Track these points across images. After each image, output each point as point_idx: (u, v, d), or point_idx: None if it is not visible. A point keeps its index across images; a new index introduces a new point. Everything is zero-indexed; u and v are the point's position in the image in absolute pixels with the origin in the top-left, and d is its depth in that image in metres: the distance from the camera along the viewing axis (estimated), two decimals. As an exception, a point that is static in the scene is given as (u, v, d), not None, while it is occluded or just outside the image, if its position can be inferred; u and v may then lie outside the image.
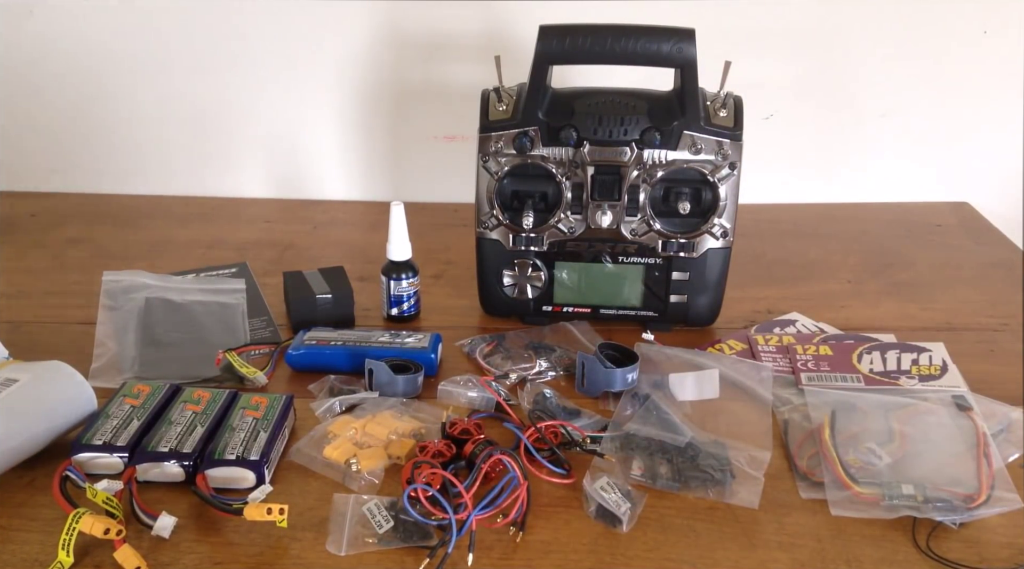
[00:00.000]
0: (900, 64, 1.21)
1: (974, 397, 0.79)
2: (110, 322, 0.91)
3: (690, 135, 0.85)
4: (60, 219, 1.21)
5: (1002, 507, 0.67)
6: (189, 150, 1.28)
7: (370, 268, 0.97)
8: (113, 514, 0.63)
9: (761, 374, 0.84)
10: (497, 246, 0.91)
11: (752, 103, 0.88)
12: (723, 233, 0.88)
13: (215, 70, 1.22)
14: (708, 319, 0.94)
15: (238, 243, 1.14)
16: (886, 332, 0.92)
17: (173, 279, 1.00)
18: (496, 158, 0.87)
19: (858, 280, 1.07)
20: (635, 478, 0.70)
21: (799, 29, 1.18)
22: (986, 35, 1.19)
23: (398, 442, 0.73)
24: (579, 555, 0.64)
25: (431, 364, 0.85)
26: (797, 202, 1.28)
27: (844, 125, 1.25)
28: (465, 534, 0.63)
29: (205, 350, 0.87)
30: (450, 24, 1.18)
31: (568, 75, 0.91)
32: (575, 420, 0.78)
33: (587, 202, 0.87)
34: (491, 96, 0.88)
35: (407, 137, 1.27)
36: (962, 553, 0.64)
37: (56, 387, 0.75)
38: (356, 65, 1.22)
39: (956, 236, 1.19)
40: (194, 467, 0.69)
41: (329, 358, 0.85)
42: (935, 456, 0.72)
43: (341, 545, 0.64)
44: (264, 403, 0.76)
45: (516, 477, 0.67)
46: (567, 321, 0.93)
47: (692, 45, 0.82)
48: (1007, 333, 0.95)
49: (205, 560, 0.63)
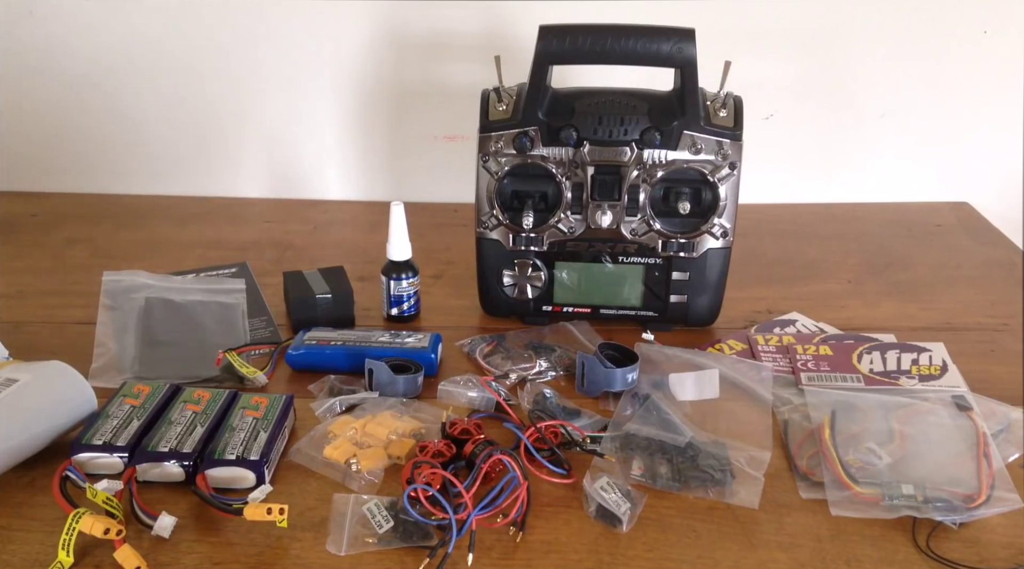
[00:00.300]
0: (900, 64, 1.21)
1: (974, 397, 0.79)
2: (110, 322, 0.91)
3: (690, 135, 0.85)
4: (60, 219, 1.21)
5: (1002, 507, 0.67)
6: (189, 150, 1.28)
7: (370, 268, 0.97)
8: (113, 514, 0.63)
9: (761, 374, 0.84)
10: (497, 246, 0.91)
11: (752, 103, 0.88)
12: (723, 233, 0.88)
13: (215, 70, 1.22)
14: (708, 319, 0.94)
15: (238, 243, 1.14)
16: (886, 332, 0.92)
17: (173, 279, 1.00)
18: (496, 158, 0.87)
19: (858, 280, 1.06)
20: (635, 478, 0.70)
21: (799, 29, 1.18)
22: (986, 35, 1.19)
23: (398, 442, 0.73)
24: (579, 555, 0.64)
25: (431, 364, 0.85)
26: (797, 202, 1.28)
27: (844, 125, 1.25)
28: (465, 534, 0.63)
29: (205, 350, 0.87)
30: (450, 24, 1.18)
31: (568, 75, 0.91)
32: (575, 420, 0.78)
33: (587, 202, 0.87)
34: (491, 96, 0.88)
35: (407, 137, 1.27)
36: (962, 553, 0.64)
37: (56, 387, 0.75)
38: (356, 65, 1.22)
39: (956, 236, 1.19)
40: (194, 467, 0.69)
41: (329, 358, 0.85)
42: (935, 456, 0.72)
43: (341, 545, 0.64)
44: (264, 403, 0.76)
45: (516, 477, 0.67)
46: (567, 321, 0.93)
47: (692, 45, 0.82)
48: (1007, 333, 0.95)
49: (205, 560, 0.63)
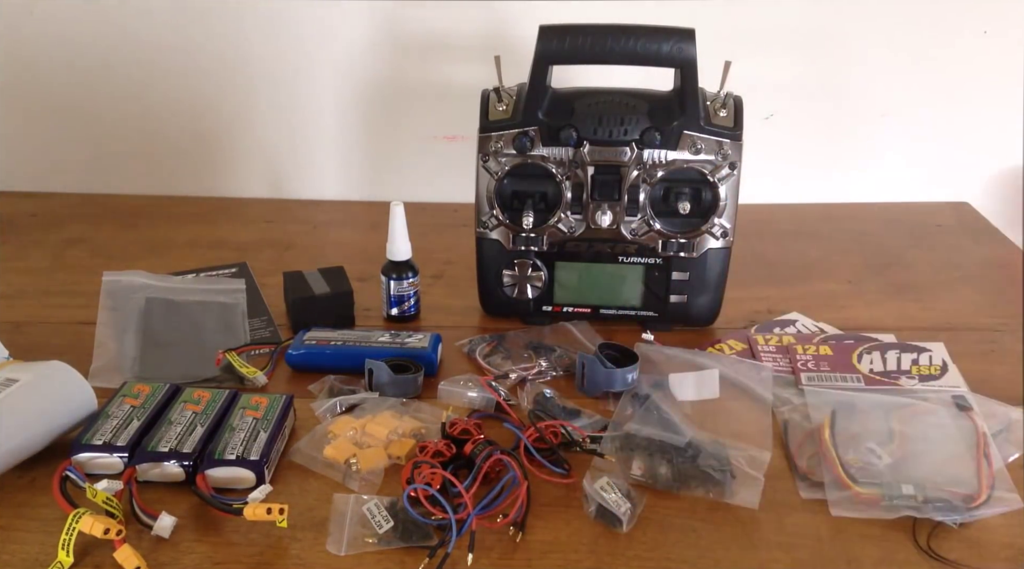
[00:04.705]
0: (900, 64, 1.21)
1: (974, 397, 0.79)
2: (110, 322, 0.91)
3: (690, 135, 0.85)
4: (60, 219, 1.20)
5: (1002, 507, 0.67)
6: (189, 150, 1.28)
7: (370, 268, 0.97)
8: (113, 514, 0.63)
9: (761, 374, 0.84)
10: (497, 246, 0.91)
11: (752, 103, 0.88)
12: (723, 233, 0.88)
13: (215, 70, 1.22)
14: (708, 319, 0.94)
15: (238, 243, 1.14)
16: (886, 332, 0.92)
17: (173, 279, 1.00)
18: (496, 158, 0.87)
19: (858, 280, 1.06)
20: (635, 478, 0.70)
21: (799, 29, 1.18)
22: (986, 35, 1.19)
23: (398, 442, 0.73)
24: (579, 555, 0.64)
25: (431, 364, 0.85)
26: (797, 202, 1.28)
27: (844, 125, 1.25)
28: (465, 534, 0.63)
29: (205, 350, 0.87)
30: (450, 24, 1.18)
31: (568, 75, 0.91)
32: (575, 420, 0.78)
33: (587, 202, 0.87)
34: (491, 96, 0.88)
35: (407, 137, 1.27)
36: (962, 553, 0.64)
37: (56, 387, 0.75)
38: (356, 65, 1.22)
39: (956, 236, 1.19)
40: (194, 467, 0.69)
41: (329, 358, 0.85)
42: (935, 456, 0.72)
43: (341, 545, 0.64)
44: (264, 403, 0.76)
45: (516, 477, 0.67)
46: (567, 321, 0.93)
47: (692, 45, 0.82)
48: (1007, 333, 0.95)
49: (205, 560, 0.63)
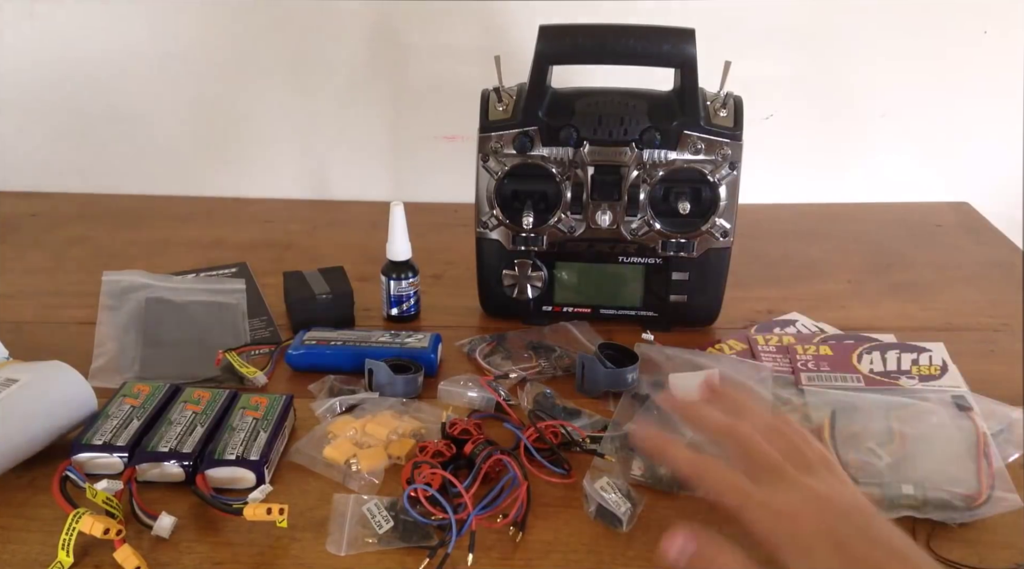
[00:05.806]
0: (900, 64, 1.20)
1: (974, 397, 0.79)
2: (110, 322, 0.91)
3: (690, 135, 0.85)
4: (60, 219, 1.20)
5: (1002, 507, 0.66)
6: (189, 150, 1.28)
7: (370, 268, 0.97)
8: (113, 514, 0.63)
9: (761, 374, 0.84)
10: (497, 246, 0.91)
11: (752, 103, 0.88)
12: (723, 233, 0.88)
13: (215, 70, 1.22)
14: (708, 319, 0.94)
15: (238, 243, 1.14)
16: (886, 332, 0.92)
17: (173, 279, 1.00)
18: (496, 158, 0.87)
19: (858, 280, 1.06)
20: (635, 478, 0.70)
21: (799, 29, 1.18)
22: (986, 35, 1.19)
23: (398, 442, 0.73)
24: (579, 555, 0.64)
25: (431, 364, 0.85)
26: (797, 202, 1.28)
27: (844, 125, 1.25)
28: (465, 534, 0.63)
29: (205, 350, 0.87)
30: (450, 24, 1.18)
31: (568, 75, 0.91)
32: (575, 420, 0.78)
33: (587, 202, 0.87)
34: (491, 96, 0.88)
35: (407, 137, 1.27)
36: (962, 553, 0.64)
37: (56, 387, 0.75)
38: (356, 65, 1.22)
39: (956, 236, 1.19)
40: (194, 467, 0.69)
41: (329, 358, 0.85)
42: (935, 456, 0.71)
43: (341, 545, 0.64)
44: (264, 403, 0.76)
45: (516, 477, 0.67)
46: (567, 321, 0.93)
47: (692, 45, 0.82)
48: (1007, 333, 0.95)
49: (205, 560, 0.63)
